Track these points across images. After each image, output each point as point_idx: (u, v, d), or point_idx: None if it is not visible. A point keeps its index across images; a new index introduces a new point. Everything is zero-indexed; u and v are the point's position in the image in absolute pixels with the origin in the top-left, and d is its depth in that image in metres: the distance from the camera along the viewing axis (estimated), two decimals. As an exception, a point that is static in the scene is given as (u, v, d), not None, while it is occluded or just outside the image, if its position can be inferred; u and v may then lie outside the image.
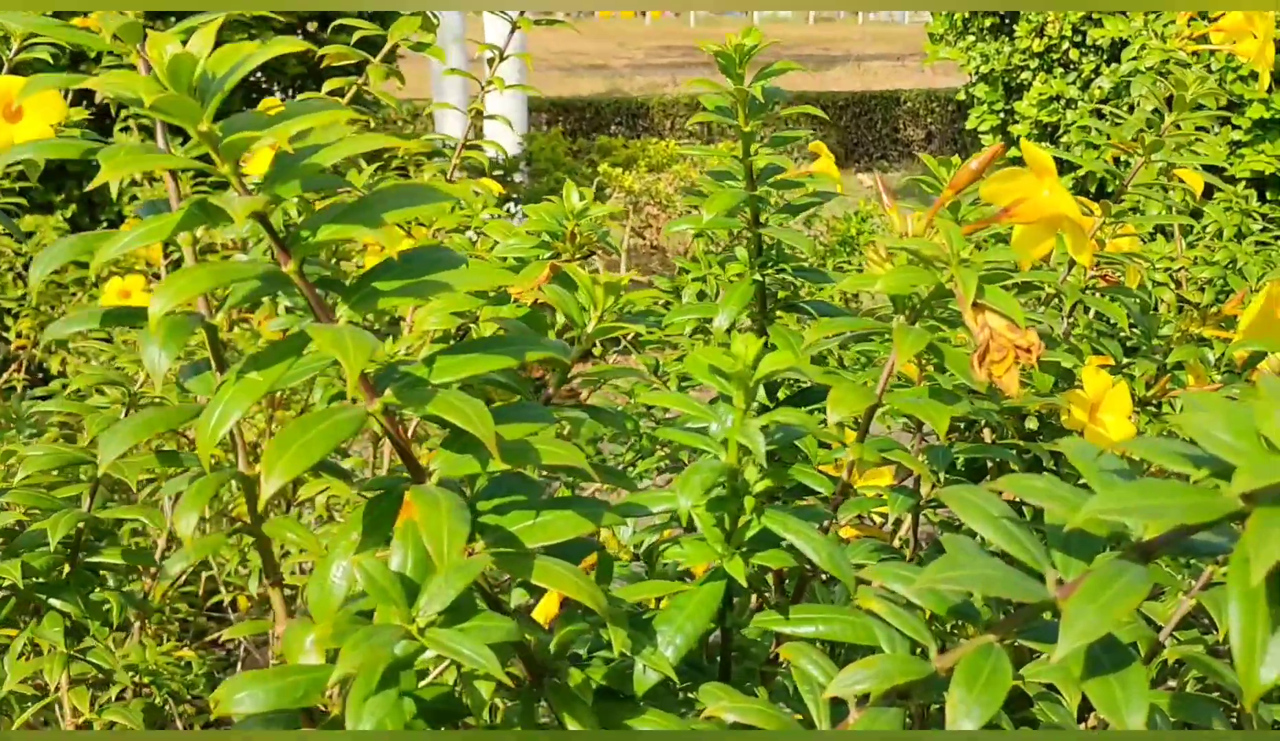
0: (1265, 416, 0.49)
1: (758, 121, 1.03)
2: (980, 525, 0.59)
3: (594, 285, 0.79)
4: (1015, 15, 3.43)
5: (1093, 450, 0.58)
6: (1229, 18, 1.66)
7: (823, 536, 0.69)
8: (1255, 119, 2.95)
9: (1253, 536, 0.47)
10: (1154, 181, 1.32)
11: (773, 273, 1.08)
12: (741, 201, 1.04)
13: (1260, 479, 0.47)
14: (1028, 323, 1.15)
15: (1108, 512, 0.51)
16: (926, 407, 0.81)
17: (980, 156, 0.85)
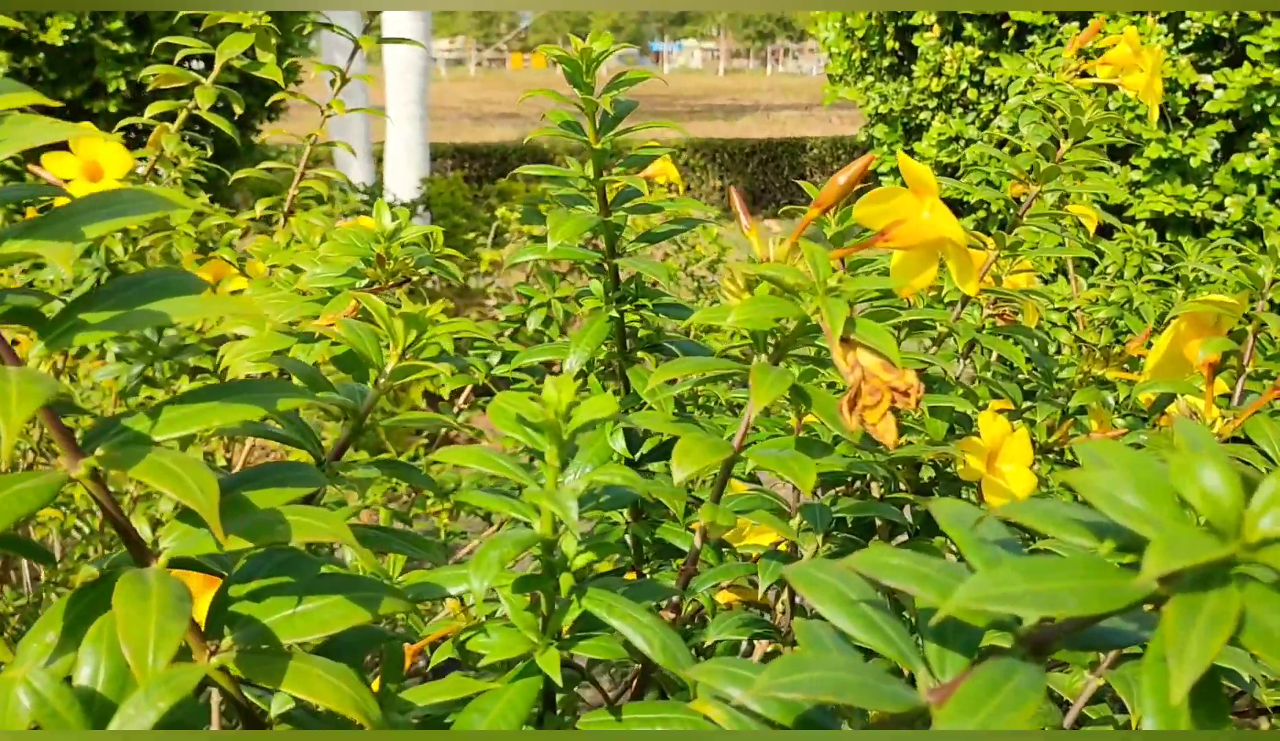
0: (1184, 475, 0.38)
1: (609, 138, 0.91)
2: (834, 611, 0.47)
3: (391, 317, 0.66)
4: (914, 55, 3.38)
5: (970, 515, 0.46)
6: (1115, 51, 1.59)
7: (655, 621, 0.57)
8: (1154, 159, 2.92)
9: (1171, 633, 0.35)
10: (1049, 212, 1.23)
11: (631, 308, 0.97)
12: (593, 228, 0.92)
13: (1178, 557, 0.35)
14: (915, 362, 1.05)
15: (985, 601, 0.39)
16: (789, 462, 0.69)
17: (849, 170, 0.74)
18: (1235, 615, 0.36)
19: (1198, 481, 0.38)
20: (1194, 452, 0.38)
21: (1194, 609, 0.36)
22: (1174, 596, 0.37)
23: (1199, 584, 0.37)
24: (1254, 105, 2.81)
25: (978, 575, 0.40)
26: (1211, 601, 0.36)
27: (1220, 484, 0.37)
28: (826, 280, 0.70)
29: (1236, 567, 0.38)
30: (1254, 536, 0.37)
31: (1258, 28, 2.83)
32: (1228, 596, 0.36)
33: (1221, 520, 0.37)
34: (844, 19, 3.54)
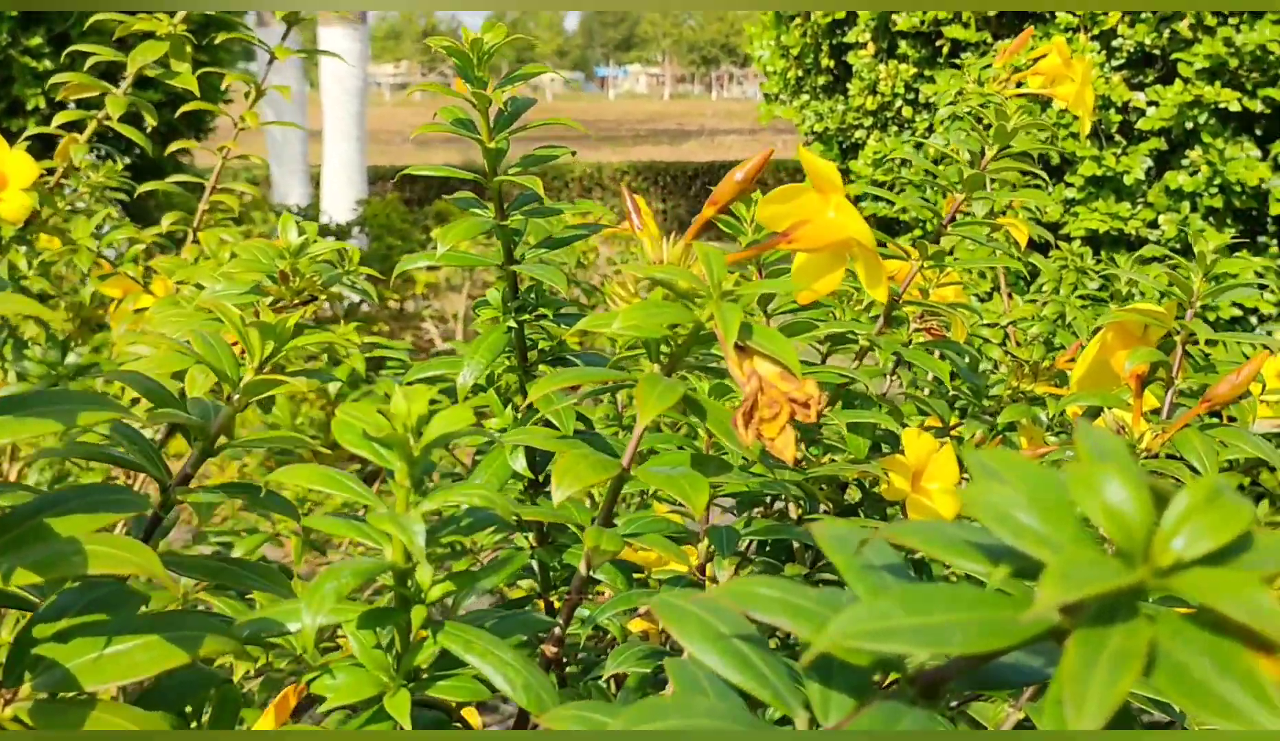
0: (1085, 489, 0.32)
1: (504, 136, 0.85)
2: (701, 648, 0.41)
3: (245, 327, 0.60)
4: (849, 73, 3.35)
5: (853, 539, 0.40)
6: (1046, 61, 1.56)
7: (520, 659, 0.51)
8: (1088, 176, 2.90)
9: (1070, 674, 0.30)
10: (976, 222, 1.18)
11: (531, 318, 0.91)
12: (488, 232, 0.86)
13: (1076, 586, 0.30)
14: (835, 376, 1.00)
15: (861, 636, 0.34)
16: (679, 480, 0.63)
17: (746, 165, 0.68)
18: (1144, 652, 0.30)
19: (1100, 496, 0.32)
20: (1097, 463, 0.33)
21: (1096, 645, 0.31)
22: (1074, 631, 0.31)
23: (1103, 616, 0.32)
24: (1186, 123, 2.80)
25: (853, 607, 0.35)
26: (1116, 637, 0.31)
27: (1126, 499, 0.32)
28: (721, 283, 0.64)
29: (1147, 597, 0.32)
30: (1165, 560, 0.32)
31: (1189, 45, 2.83)
32: (1135, 631, 0.31)
33: (1128, 541, 0.32)
34: (779, 37, 3.51)
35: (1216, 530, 0.32)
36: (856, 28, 3.25)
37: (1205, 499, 0.32)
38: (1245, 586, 0.30)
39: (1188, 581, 0.31)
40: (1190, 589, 0.31)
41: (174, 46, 1.45)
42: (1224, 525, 0.32)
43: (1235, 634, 0.31)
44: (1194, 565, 0.32)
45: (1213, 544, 0.31)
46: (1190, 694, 0.30)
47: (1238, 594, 0.30)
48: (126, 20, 1.41)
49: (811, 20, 3.39)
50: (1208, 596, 0.30)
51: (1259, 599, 0.30)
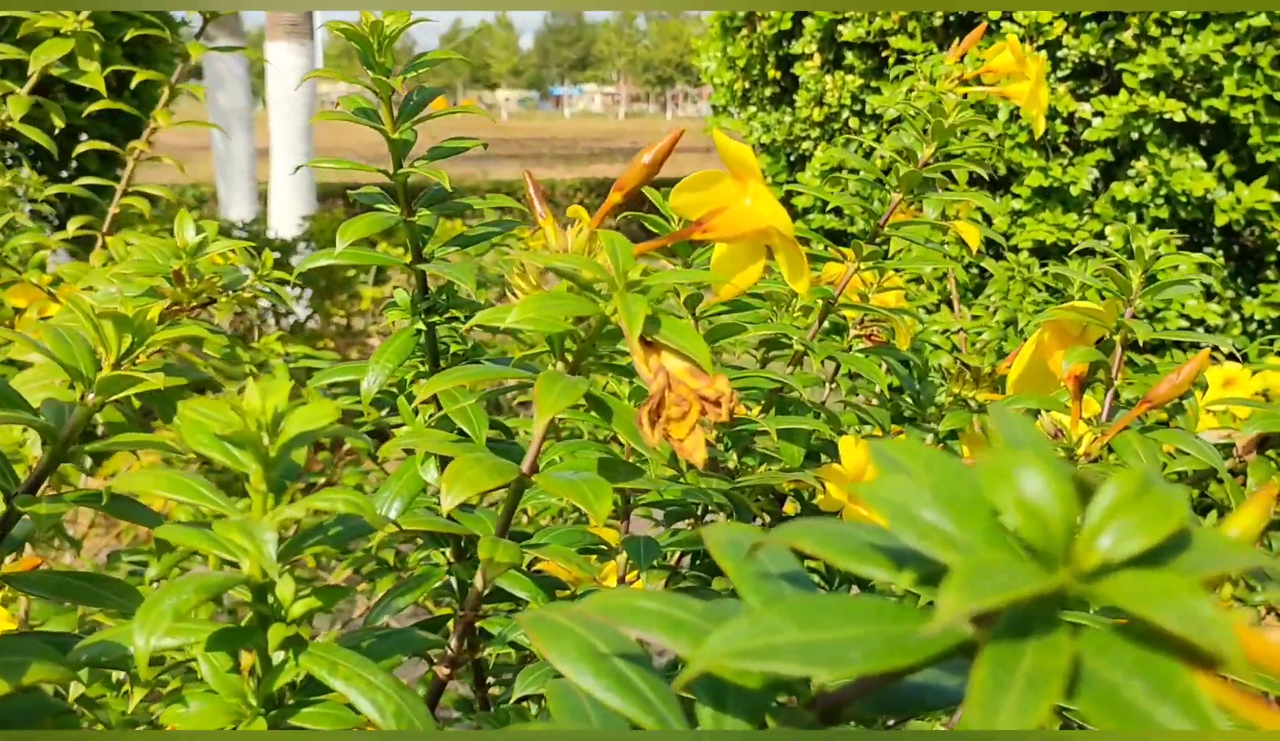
0: (997, 481, 0.28)
1: (408, 126, 0.80)
2: (577, 668, 0.36)
3: (99, 319, 0.55)
4: (796, 84, 3.32)
5: (745, 544, 0.36)
6: (999, 59, 1.53)
7: (391, 683, 0.46)
8: (1035, 187, 2.88)
9: (979, 699, 0.25)
10: (918, 221, 1.14)
11: (441, 320, 0.86)
12: (394, 229, 0.81)
13: (983, 592, 0.25)
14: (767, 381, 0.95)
15: (744, 654, 0.29)
16: (582, 487, 0.58)
17: (654, 147, 0.64)
18: (1065, 671, 0.26)
19: (1015, 488, 0.28)
20: (1012, 451, 0.28)
21: (1009, 664, 0.26)
22: (985, 646, 0.27)
23: (1018, 629, 0.27)
24: (1132, 133, 2.79)
25: (736, 621, 0.30)
26: (1032, 653, 0.26)
27: (1044, 492, 0.28)
28: (627, 273, 0.60)
29: (1069, 605, 0.28)
30: (1089, 561, 0.27)
31: (1133, 56, 2.82)
32: (1055, 646, 0.26)
33: (1046, 541, 0.27)
34: (725, 49, 3.48)
35: (1148, 526, 0.27)
36: (802, 39, 3.22)
37: (1135, 491, 0.28)
38: (1181, 591, 0.26)
39: (1115, 586, 0.26)
40: (1118, 595, 0.26)
41: (80, 44, 1.38)
42: (1156, 520, 0.27)
43: (1172, 648, 0.26)
44: (1123, 567, 0.27)
45: (1144, 542, 0.27)
46: (1120, 719, 0.25)
47: (1173, 600, 0.25)
48: (31, 17, 1.35)
49: (758, 31, 3.36)
50: (1138, 604, 0.26)
51: (1197, 606, 0.25)
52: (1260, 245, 3.03)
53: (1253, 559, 0.28)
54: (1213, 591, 0.28)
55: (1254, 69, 2.75)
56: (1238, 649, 0.24)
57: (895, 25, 3.04)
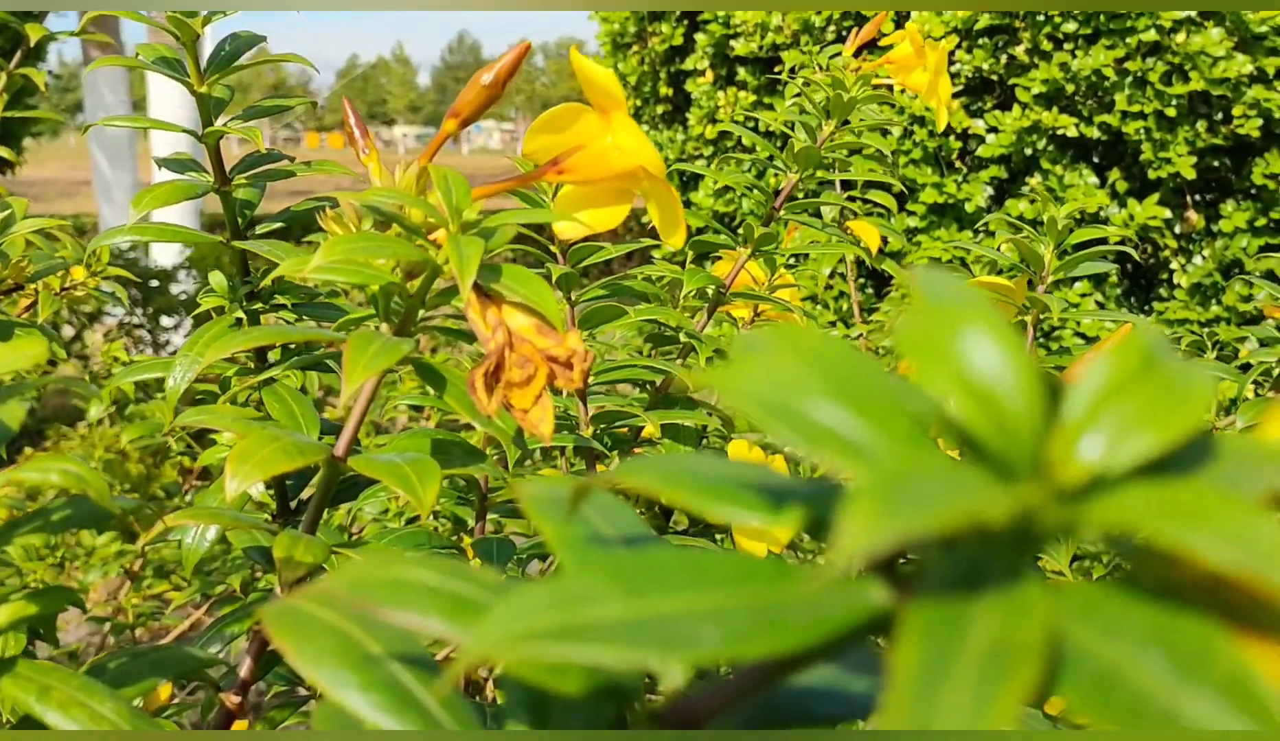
0: (930, 351, 0.18)
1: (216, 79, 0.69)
2: (332, 676, 0.25)
3: None
4: (688, 101, 3.25)
5: (559, 494, 0.25)
6: (898, 50, 1.45)
7: (124, 713, 0.35)
8: (930, 204, 2.84)
9: (903, 690, 0.15)
10: (808, 202, 1.06)
11: (266, 307, 0.74)
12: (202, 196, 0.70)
13: (910, 516, 0.15)
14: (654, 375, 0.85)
15: (542, 634, 0.19)
16: (405, 471, 0.47)
17: (494, 66, 0.53)
18: (1039, 646, 0.16)
19: (956, 361, 0.18)
20: (947, 311, 0.18)
21: (949, 636, 0.16)
22: (910, 610, 0.16)
23: (964, 580, 0.17)
24: (1025, 149, 2.76)
25: (529, 590, 0.19)
26: (987, 620, 0.16)
27: (1001, 366, 0.18)
28: (462, 212, 0.49)
29: (1038, 542, 0.18)
30: (1073, 471, 0.17)
31: (1026, 71, 2.79)
32: (1020, 606, 0.16)
33: (1007, 440, 0.17)
34: (616, 66, 3.40)
35: (1161, 417, 0.17)
36: (694, 55, 3.15)
37: (1137, 368, 0.18)
38: (1230, 509, 0.16)
39: (1120, 505, 0.16)
40: (1129, 516, 0.16)
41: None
42: (1173, 409, 0.17)
43: (1208, 605, 0.16)
44: (1126, 479, 0.17)
45: (1157, 440, 0.17)
46: (1128, 716, 0.15)
47: (1218, 521, 0.15)
48: None
49: (649, 47, 3.28)
50: (1163, 526, 0.16)
51: (1263, 530, 0.15)
52: (1153, 263, 3.01)
53: (1310, 474, 0.18)
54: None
55: (1145, 85, 2.74)
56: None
57: (788, 40, 2.98)
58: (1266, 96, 2.65)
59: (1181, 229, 2.95)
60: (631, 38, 3.33)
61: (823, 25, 2.87)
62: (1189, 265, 2.89)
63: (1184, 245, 2.95)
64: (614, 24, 3.29)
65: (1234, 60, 2.64)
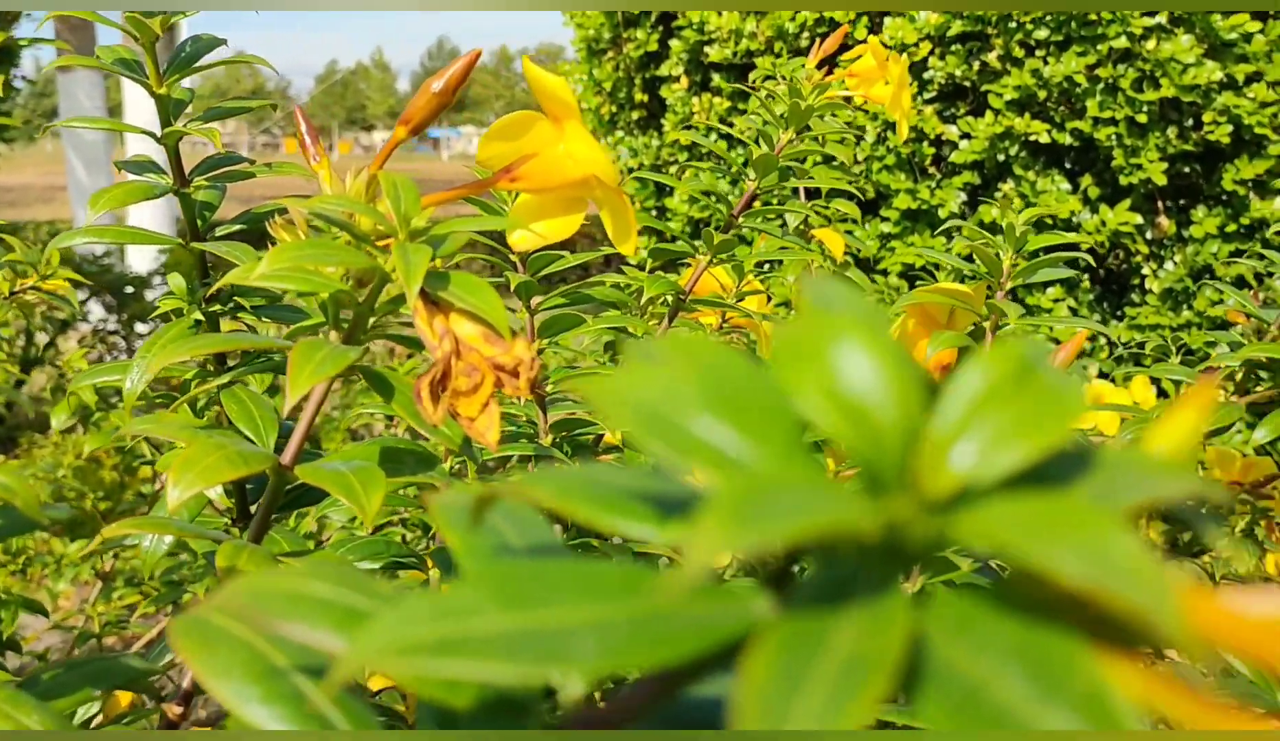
0: (800, 362, 0.18)
1: (175, 80, 0.69)
2: (236, 690, 0.25)
3: None
4: (663, 107, 3.26)
5: (466, 503, 0.25)
6: (861, 63, 1.46)
7: (51, 720, 0.34)
8: (903, 210, 2.85)
9: (751, 700, 0.15)
10: (771, 209, 1.06)
11: (225, 309, 0.74)
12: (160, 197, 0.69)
13: (763, 526, 0.15)
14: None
15: (421, 648, 0.19)
16: (349, 479, 0.47)
17: (446, 72, 0.53)
18: (895, 660, 0.16)
19: (827, 373, 0.18)
20: (824, 320, 0.18)
21: (806, 649, 0.16)
22: (771, 624, 0.16)
23: (828, 594, 0.17)
24: (998, 155, 2.78)
25: (410, 601, 0.19)
26: (847, 632, 0.16)
27: (872, 377, 0.18)
28: (411, 220, 0.49)
29: (911, 554, 0.18)
30: (941, 482, 0.17)
31: (998, 77, 2.80)
32: (884, 620, 0.16)
33: (875, 451, 0.17)
34: (591, 72, 3.40)
35: (1032, 428, 0.17)
36: (669, 61, 3.16)
37: (1012, 376, 0.18)
38: (1091, 524, 0.16)
39: (984, 519, 0.16)
40: (990, 531, 0.16)
41: None
42: (1045, 420, 0.17)
43: (1071, 619, 0.17)
44: (994, 491, 0.17)
45: (1027, 452, 0.17)
46: (987, 727, 0.16)
47: (1078, 537, 0.15)
48: None
49: (624, 53, 3.29)
50: (1022, 542, 0.16)
51: (1117, 546, 0.15)
52: (1125, 268, 3.03)
53: (1189, 487, 0.18)
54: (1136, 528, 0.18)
55: (1116, 91, 2.76)
56: (1178, 613, 0.15)
57: (762, 46, 2.99)
58: (1236, 103, 2.67)
59: (1153, 234, 2.97)
60: (607, 44, 3.33)
61: (796, 31, 2.88)
62: (1160, 271, 2.91)
63: (1155, 251, 2.97)
64: (589, 30, 3.29)
65: (1204, 67, 2.66)
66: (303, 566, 0.24)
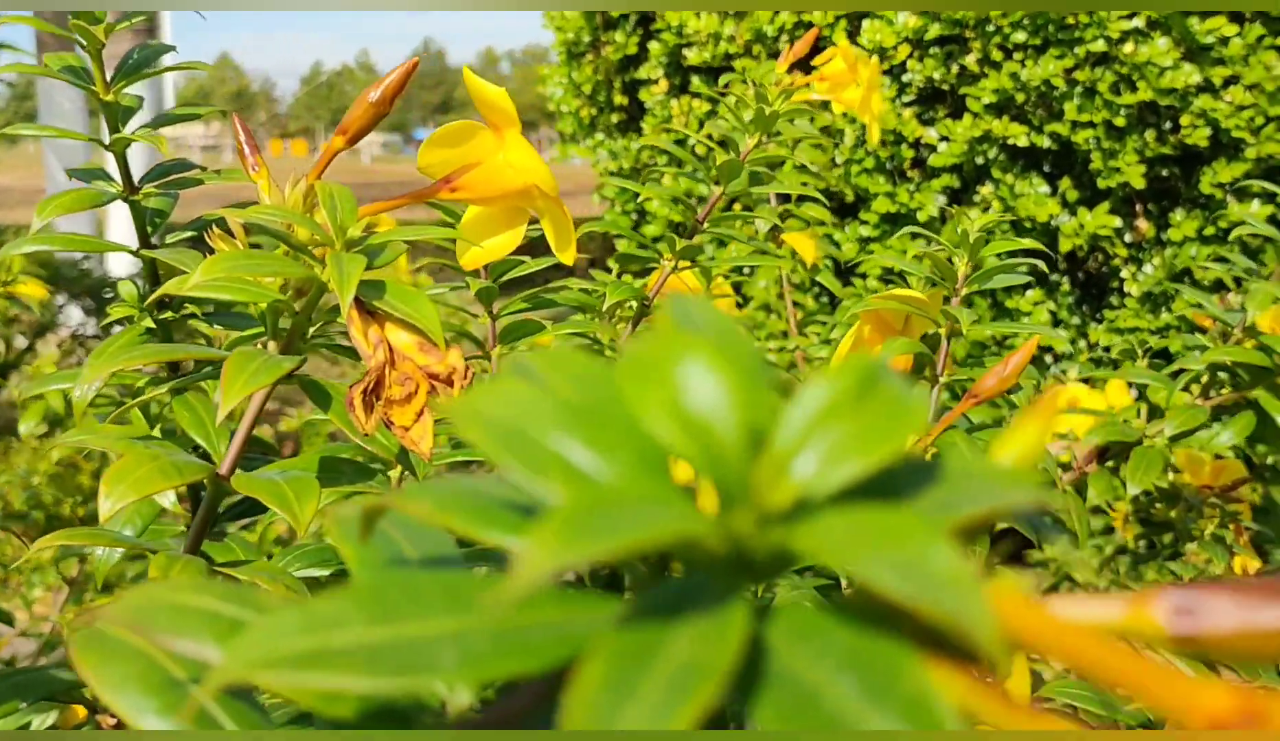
0: (645, 380, 0.18)
1: (121, 87, 0.69)
2: (132, 702, 0.26)
3: None
4: (642, 110, 3.26)
5: (359, 516, 0.25)
6: (831, 66, 1.47)
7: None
8: (882, 214, 2.86)
9: (578, 706, 0.15)
10: (735, 215, 1.06)
11: (176, 317, 0.74)
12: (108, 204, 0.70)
13: (594, 541, 0.15)
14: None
15: (286, 660, 0.19)
16: (282, 489, 0.48)
17: (383, 82, 0.53)
18: (728, 667, 0.16)
19: (670, 390, 0.18)
20: (674, 338, 0.19)
21: (639, 658, 0.16)
22: (608, 633, 0.17)
23: (670, 606, 0.17)
24: (976, 158, 2.78)
25: (280, 614, 0.20)
26: (682, 641, 0.17)
27: (714, 394, 0.18)
28: (347, 230, 0.49)
29: (760, 567, 0.18)
30: (780, 495, 0.17)
31: (976, 80, 2.81)
32: (720, 630, 0.17)
33: (716, 466, 0.18)
34: (570, 75, 3.40)
35: (870, 441, 0.18)
36: (648, 63, 3.16)
37: (854, 390, 0.18)
38: (911, 537, 0.16)
39: (816, 532, 0.17)
40: (820, 544, 0.17)
41: None
42: (883, 433, 0.18)
43: (904, 627, 0.17)
44: (830, 504, 0.17)
45: (863, 465, 0.17)
46: (818, 728, 0.16)
47: (897, 551, 0.16)
48: None
49: (603, 56, 3.29)
50: (846, 556, 0.16)
51: (932, 558, 0.16)
52: (1105, 271, 3.04)
53: (1030, 496, 0.18)
54: (974, 541, 0.19)
55: (1094, 94, 2.77)
56: (989, 622, 0.15)
57: (740, 49, 3.00)
58: (1213, 106, 2.68)
59: (1132, 237, 2.98)
60: (586, 47, 3.33)
61: (775, 34, 2.88)
62: (1140, 273, 2.92)
63: (1135, 253, 2.98)
64: (568, 33, 3.29)
65: (1181, 70, 2.67)
66: (190, 581, 0.24)
